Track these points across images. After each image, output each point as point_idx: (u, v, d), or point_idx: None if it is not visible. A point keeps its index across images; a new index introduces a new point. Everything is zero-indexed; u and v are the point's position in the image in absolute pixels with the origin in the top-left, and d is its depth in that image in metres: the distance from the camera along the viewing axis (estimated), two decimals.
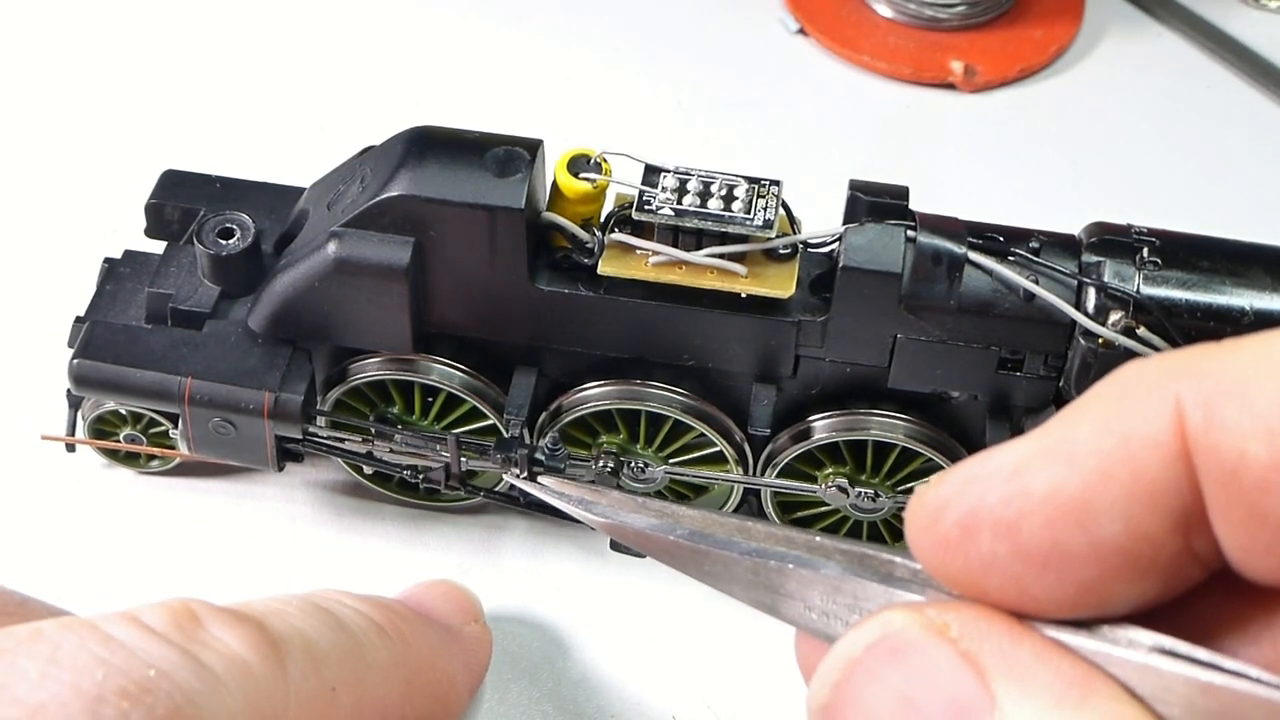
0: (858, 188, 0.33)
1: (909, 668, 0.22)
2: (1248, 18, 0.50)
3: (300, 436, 0.35)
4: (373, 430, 0.36)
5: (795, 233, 0.33)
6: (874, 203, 0.33)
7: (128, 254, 0.37)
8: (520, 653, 0.36)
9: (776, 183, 0.33)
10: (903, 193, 0.33)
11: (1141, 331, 0.32)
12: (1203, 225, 0.34)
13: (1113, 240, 0.33)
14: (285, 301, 0.34)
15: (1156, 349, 0.32)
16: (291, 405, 0.34)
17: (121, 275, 0.36)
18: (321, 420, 0.35)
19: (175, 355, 0.34)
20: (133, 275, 0.36)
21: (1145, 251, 0.32)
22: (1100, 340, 0.32)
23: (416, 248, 0.33)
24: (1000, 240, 0.33)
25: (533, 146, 0.33)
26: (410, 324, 0.34)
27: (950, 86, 0.48)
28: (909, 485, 0.36)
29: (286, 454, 0.36)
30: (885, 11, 0.50)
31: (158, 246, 0.37)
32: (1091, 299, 0.32)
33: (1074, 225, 0.44)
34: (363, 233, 0.33)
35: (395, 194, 0.32)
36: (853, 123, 0.47)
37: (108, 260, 0.37)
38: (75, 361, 0.34)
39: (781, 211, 0.33)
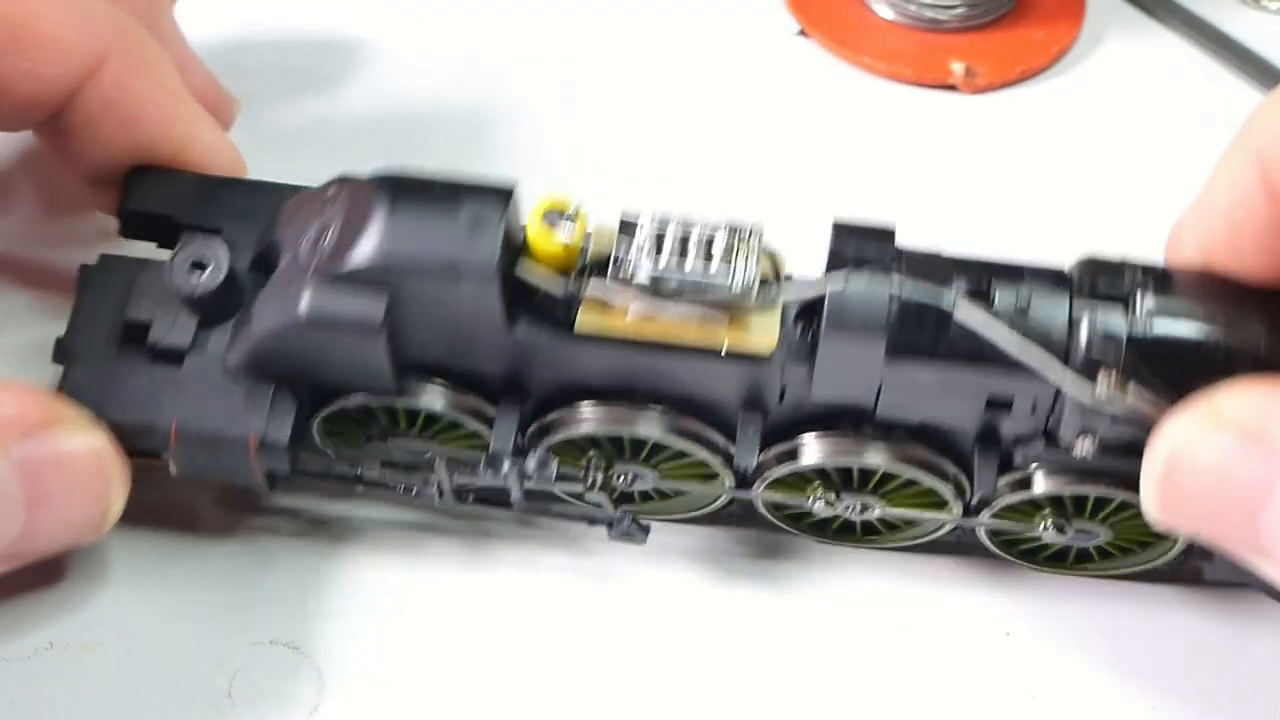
0: (842, 229, 0.33)
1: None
2: (1248, 18, 0.50)
3: (288, 471, 0.35)
4: (361, 473, 0.36)
5: (780, 271, 0.33)
6: (858, 256, 0.32)
7: (103, 260, 0.36)
8: (519, 652, 0.36)
9: (757, 228, 0.32)
10: (889, 234, 0.33)
11: (1131, 388, 0.31)
12: None
13: (1106, 292, 0.32)
14: (262, 347, 0.34)
15: (1146, 409, 0.31)
16: (277, 446, 0.34)
17: (99, 285, 0.36)
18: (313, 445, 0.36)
19: (158, 396, 0.34)
20: (111, 284, 0.35)
21: (1139, 300, 0.32)
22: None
23: (391, 302, 0.32)
24: (987, 287, 0.32)
25: (506, 195, 0.32)
26: (389, 368, 0.33)
27: (951, 88, 0.48)
28: (898, 494, 0.36)
29: (277, 478, 0.35)
30: (886, 13, 0.50)
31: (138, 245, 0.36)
32: (1079, 359, 0.32)
33: (1074, 225, 0.44)
34: (335, 287, 0.32)
35: (366, 253, 0.32)
36: (853, 124, 0.47)
37: (83, 268, 0.36)
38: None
39: (764, 257, 0.32)
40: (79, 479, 0.32)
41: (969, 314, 0.32)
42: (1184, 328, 0.32)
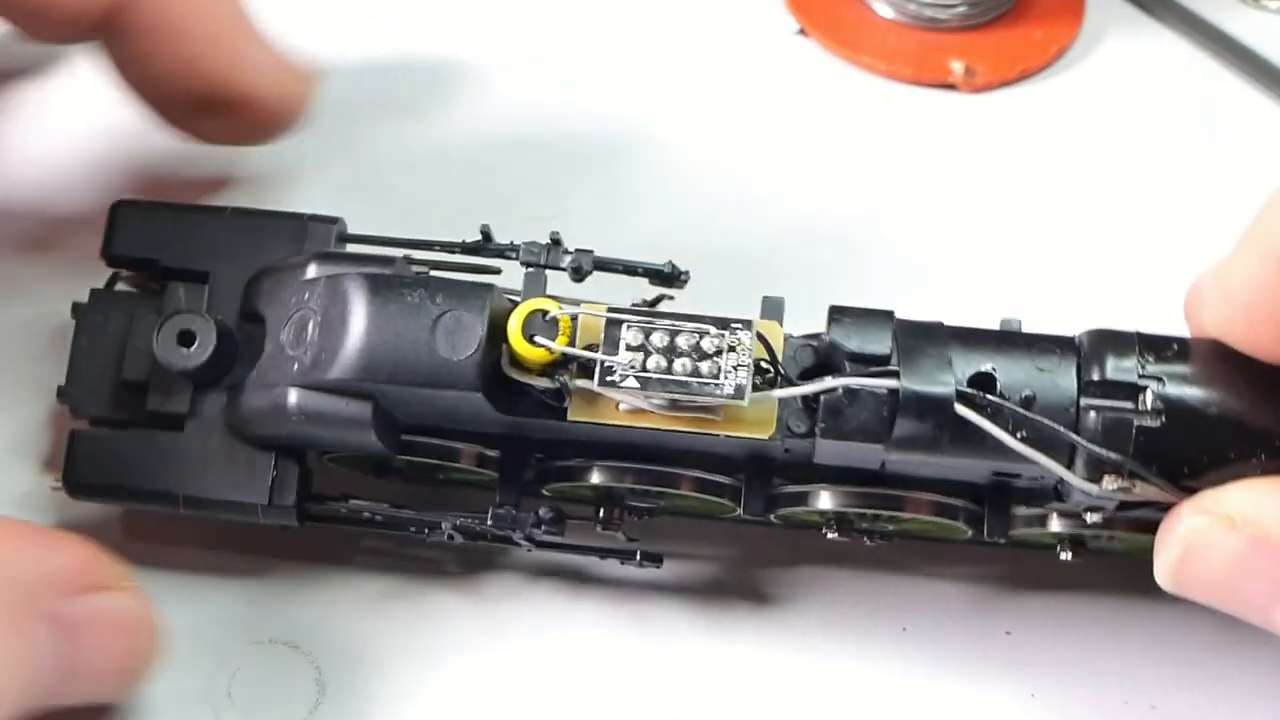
0: (838, 315, 0.32)
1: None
2: (1248, 18, 0.50)
3: (298, 524, 0.35)
4: (373, 518, 0.36)
5: (775, 350, 0.32)
6: (854, 351, 0.32)
7: (95, 296, 0.36)
8: (519, 655, 0.36)
9: (747, 324, 0.32)
10: (886, 318, 0.32)
11: (1138, 489, 0.31)
12: (1202, 224, 0.34)
13: (1115, 378, 0.32)
14: (256, 430, 0.34)
15: (1155, 496, 0.31)
16: (283, 510, 0.34)
17: (93, 325, 0.36)
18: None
19: (163, 466, 0.34)
20: (105, 324, 0.36)
21: (1149, 395, 0.31)
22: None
23: (377, 402, 0.32)
24: (991, 372, 0.32)
25: (485, 294, 0.32)
26: (383, 444, 0.33)
27: (950, 87, 0.48)
28: (912, 522, 0.35)
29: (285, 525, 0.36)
30: (885, 12, 0.50)
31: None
32: (1084, 464, 0.31)
33: (1074, 225, 0.44)
34: (320, 392, 0.32)
35: (347, 366, 0.32)
36: (853, 123, 0.47)
37: (76, 307, 0.36)
38: (69, 480, 0.35)
39: (757, 341, 0.32)
40: (117, 642, 0.32)
41: (970, 414, 0.31)
42: (1196, 420, 0.31)
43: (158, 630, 0.33)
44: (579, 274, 0.35)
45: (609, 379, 0.31)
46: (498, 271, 0.36)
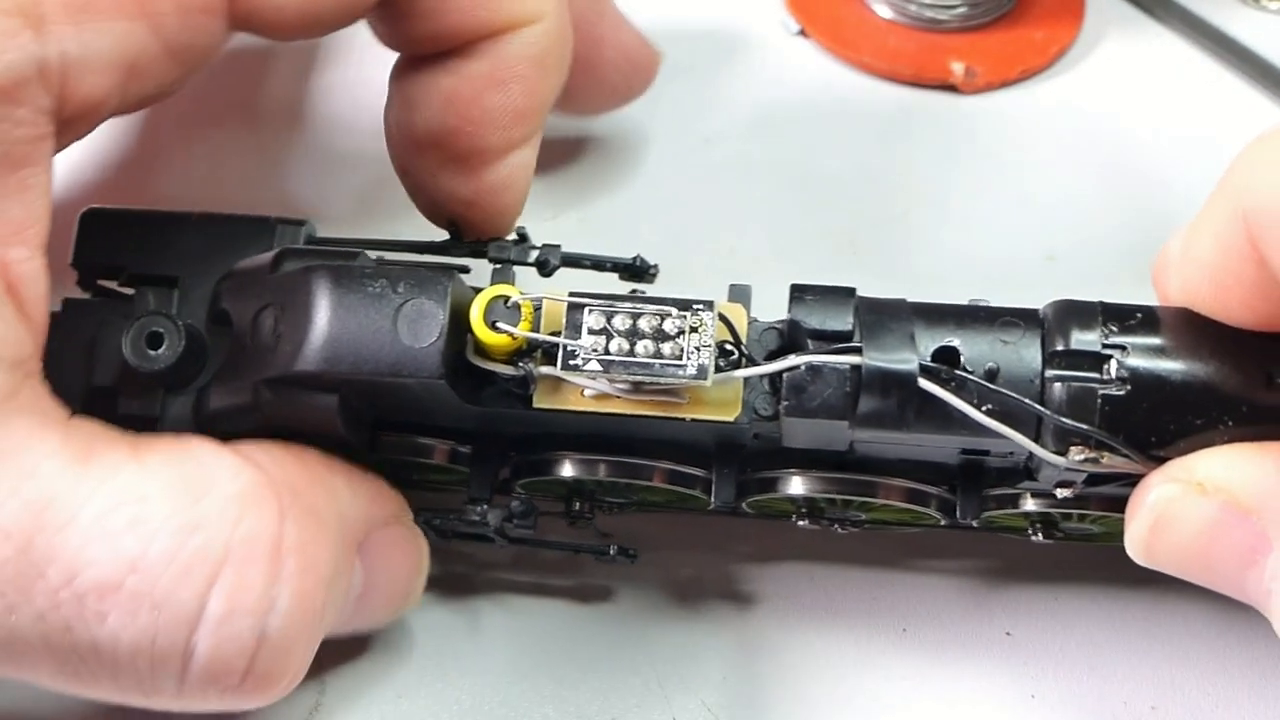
0: (799, 292, 0.32)
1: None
2: (1248, 18, 0.50)
3: None
4: None
5: (738, 332, 0.32)
6: (816, 329, 0.32)
7: (68, 305, 0.36)
8: (521, 655, 0.36)
9: (709, 305, 0.31)
10: (848, 295, 0.32)
11: (1105, 460, 0.31)
12: None
13: (1079, 347, 0.31)
14: (225, 425, 0.33)
15: (1124, 467, 0.31)
16: None
17: (67, 331, 0.35)
18: None
19: None
20: (77, 332, 0.35)
21: (1113, 363, 0.31)
22: None
23: (343, 395, 0.32)
24: (954, 346, 0.31)
25: (443, 286, 0.32)
26: (354, 439, 0.33)
27: (951, 88, 0.48)
28: (884, 509, 0.35)
29: None
30: (885, 13, 0.50)
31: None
32: (1050, 436, 0.31)
33: (1074, 225, 0.44)
34: (287, 387, 0.32)
35: (310, 360, 0.31)
36: (853, 124, 0.47)
37: (50, 317, 0.34)
38: None
39: (719, 323, 0.31)
40: (401, 569, 0.34)
41: (934, 388, 0.31)
42: (1161, 388, 0.31)
43: (428, 557, 0.35)
44: (545, 268, 0.35)
45: (572, 363, 0.31)
46: (466, 270, 0.35)
